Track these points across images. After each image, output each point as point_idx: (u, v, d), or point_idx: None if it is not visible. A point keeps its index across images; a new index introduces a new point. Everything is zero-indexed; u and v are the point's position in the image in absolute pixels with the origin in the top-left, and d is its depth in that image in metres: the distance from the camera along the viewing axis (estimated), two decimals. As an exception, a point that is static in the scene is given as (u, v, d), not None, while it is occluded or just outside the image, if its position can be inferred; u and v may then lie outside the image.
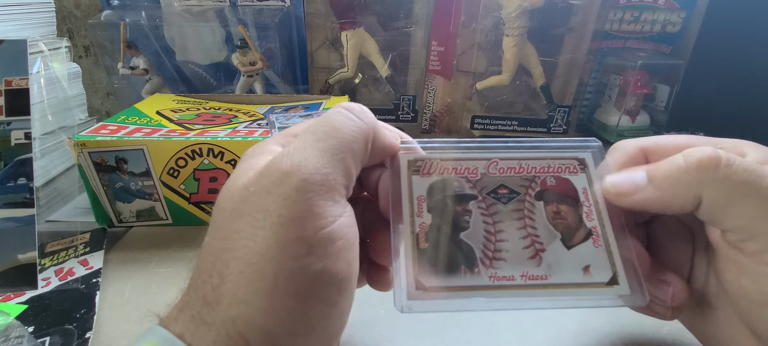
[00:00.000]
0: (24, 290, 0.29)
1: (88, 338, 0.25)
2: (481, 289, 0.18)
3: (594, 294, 0.18)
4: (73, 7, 0.58)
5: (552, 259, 0.19)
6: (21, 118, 0.33)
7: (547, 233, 0.19)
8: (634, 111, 0.55)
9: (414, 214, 0.19)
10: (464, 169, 0.20)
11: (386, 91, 0.59)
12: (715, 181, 0.17)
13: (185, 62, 0.55)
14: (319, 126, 0.18)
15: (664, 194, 0.18)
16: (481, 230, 0.19)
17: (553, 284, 0.18)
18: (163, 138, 0.35)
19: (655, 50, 0.56)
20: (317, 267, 0.16)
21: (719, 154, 0.17)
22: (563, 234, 0.19)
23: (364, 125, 0.18)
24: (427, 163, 0.20)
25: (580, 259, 0.19)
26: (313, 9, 0.54)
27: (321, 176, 0.16)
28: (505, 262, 0.19)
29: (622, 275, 0.19)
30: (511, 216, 0.20)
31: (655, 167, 0.19)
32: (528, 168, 0.20)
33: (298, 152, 0.17)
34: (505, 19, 0.50)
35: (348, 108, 0.19)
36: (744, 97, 0.50)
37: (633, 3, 0.53)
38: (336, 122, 0.18)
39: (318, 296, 0.16)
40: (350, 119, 0.18)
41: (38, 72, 0.39)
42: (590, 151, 0.21)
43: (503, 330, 0.27)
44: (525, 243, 0.19)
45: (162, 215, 0.38)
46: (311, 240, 0.16)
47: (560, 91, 0.56)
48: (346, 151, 0.17)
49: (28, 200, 0.32)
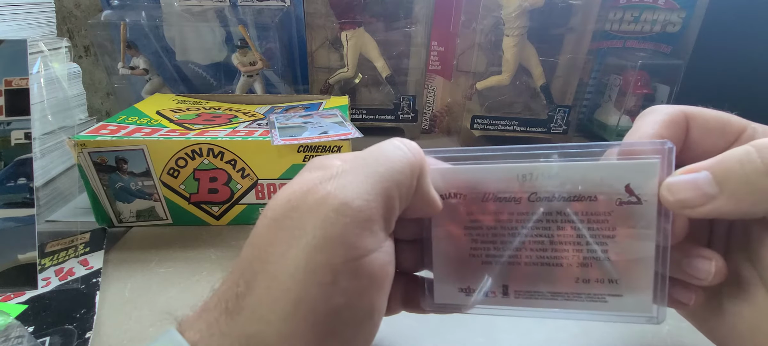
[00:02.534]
0: (24, 290, 0.29)
1: (88, 338, 0.25)
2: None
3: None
4: (73, 7, 0.58)
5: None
6: (21, 118, 0.33)
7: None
8: (634, 111, 0.55)
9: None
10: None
11: (386, 91, 0.59)
12: None
13: (185, 62, 0.55)
14: (369, 152, 0.18)
15: (741, 203, 0.15)
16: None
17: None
18: (163, 138, 0.35)
19: (655, 50, 0.56)
20: (338, 302, 0.15)
21: None
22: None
23: (413, 158, 0.18)
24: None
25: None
26: (313, 9, 0.54)
27: (362, 201, 0.16)
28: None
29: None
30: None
31: (722, 167, 0.16)
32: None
33: (344, 175, 0.16)
34: (505, 19, 0.50)
35: (401, 140, 0.19)
36: (744, 97, 0.50)
37: (633, 3, 0.53)
38: (386, 150, 0.18)
39: (334, 331, 0.15)
40: (400, 149, 0.18)
41: (38, 72, 0.39)
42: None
43: (503, 330, 0.27)
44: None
45: (162, 215, 0.38)
46: (338, 269, 0.15)
47: (560, 91, 0.56)
48: (391, 180, 0.17)
49: (28, 200, 0.32)
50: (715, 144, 0.19)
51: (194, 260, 0.33)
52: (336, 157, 0.18)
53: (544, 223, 0.19)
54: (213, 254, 0.34)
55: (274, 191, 0.37)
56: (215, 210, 0.38)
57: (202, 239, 0.36)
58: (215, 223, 0.38)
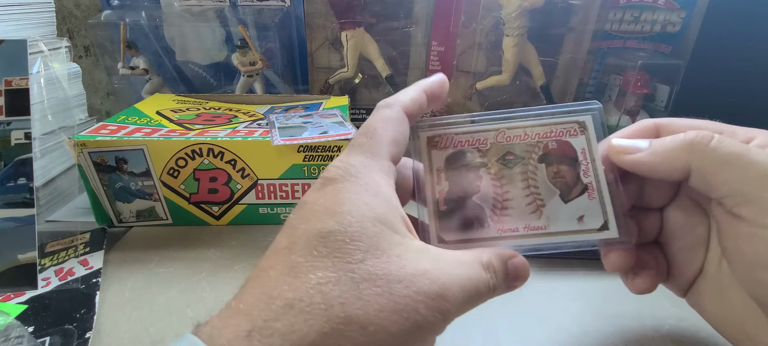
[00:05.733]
0: (24, 290, 0.29)
1: (88, 338, 0.25)
2: (491, 239, 0.22)
3: (586, 238, 0.21)
4: (73, 7, 0.58)
5: (551, 212, 0.22)
6: (21, 118, 0.33)
7: (548, 191, 0.22)
8: (634, 111, 0.55)
9: (434, 183, 0.23)
10: (475, 140, 0.23)
11: (386, 91, 0.59)
12: (703, 152, 0.19)
13: (185, 62, 0.55)
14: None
15: (656, 159, 0.20)
16: (491, 192, 0.22)
17: (551, 232, 0.21)
18: (163, 138, 0.35)
19: (655, 50, 0.56)
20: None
21: (711, 135, 0.19)
22: (561, 190, 0.22)
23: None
24: (443, 139, 0.23)
25: (576, 210, 0.22)
26: (313, 9, 0.54)
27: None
28: (510, 217, 0.22)
29: (613, 222, 0.21)
30: (516, 179, 0.22)
31: (658, 139, 0.21)
32: (532, 135, 0.23)
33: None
34: (505, 19, 0.50)
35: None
36: (744, 97, 0.50)
37: (633, 3, 0.53)
38: None
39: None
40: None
41: (38, 72, 0.39)
42: (590, 113, 0.23)
43: (503, 330, 0.27)
44: (528, 201, 0.22)
45: (162, 215, 0.38)
46: None
47: (560, 91, 0.56)
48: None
49: (28, 200, 0.32)
50: None
51: (194, 260, 0.33)
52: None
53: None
54: (213, 254, 0.34)
55: (273, 190, 0.37)
56: (215, 210, 0.38)
57: (202, 239, 0.36)
58: (215, 223, 0.38)
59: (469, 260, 0.19)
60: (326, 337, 0.15)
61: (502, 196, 0.22)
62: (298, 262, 0.16)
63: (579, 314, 0.28)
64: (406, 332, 0.16)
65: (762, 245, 0.18)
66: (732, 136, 0.21)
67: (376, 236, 0.17)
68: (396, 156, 0.21)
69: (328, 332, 0.15)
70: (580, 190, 0.22)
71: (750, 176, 0.18)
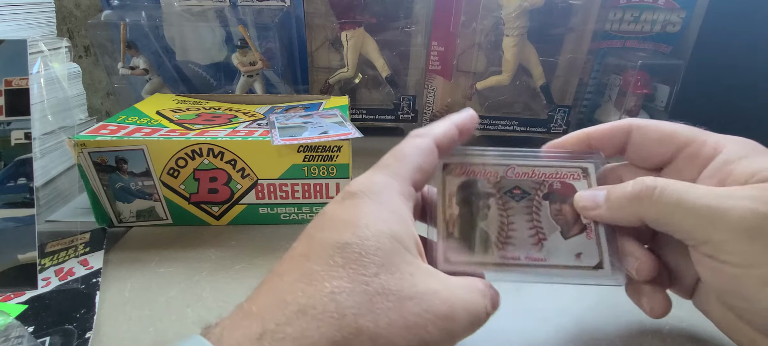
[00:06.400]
0: (24, 290, 0.29)
1: (88, 338, 0.25)
2: (494, 265, 0.23)
3: (582, 275, 0.22)
4: (73, 7, 0.58)
5: (552, 246, 0.23)
6: (21, 118, 0.33)
7: (550, 226, 0.23)
8: (634, 111, 0.55)
9: (446, 206, 0.24)
10: (487, 172, 0.25)
11: (386, 91, 0.59)
12: (649, 205, 0.20)
13: (185, 62, 0.55)
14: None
15: (614, 214, 0.22)
16: (497, 221, 0.24)
17: (550, 265, 0.23)
18: (163, 138, 0.35)
19: (654, 50, 0.56)
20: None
21: (655, 185, 0.20)
22: (562, 227, 0.23)
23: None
24: (458, 167, 0.25)
25: (575, 247, 0.23)
26: (313, 9, 0.54)
27: None
28: (513, 246, 0.23)
29: (607, 262, 0.22)
30: (521, 211, 0.24)
31: (611, 190, 0.22)
32: (539, 174, 0.25)
33: None
34: (505, 19, 0.50)
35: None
36: (744, 97, 0.50)
37: (633, 3, 0.53)
38: None
39: None
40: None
41: (38, 72, 0.39)
42: (593, 161, 0.25)
43: (503, 330, 0.27)
44: (531, 233, 0.23)
45: (162, 215, 0.38)
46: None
47: (560, 91, 0.56)
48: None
49: (28, 200, 0.32)
50: (654, 151, 0.24)
51: (194, 260, 0.33)
52: None
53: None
54: (213, 254, 0.34)
55: (273, 190, 0.37)
56: (215, 210, 0.38)
57: (202, 239, 0.36)
58: (215, 223, 0.38)
59: (470, 286, 0.19)
60: (336, 345, 0.15)
61: (507, 226, 0.24)
62: (314, 269, 0.16)
63: (579, 314, 0.28)
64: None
65: (724, 278, 0.19)
66: (702, 146, 0.22)
67: (391, 252, 0.17)
68: (419, 183, 0.21)
69: (338, 341, 0.15)
70: (579, 229, 0.23)
71: (696, 222, 0.19)
